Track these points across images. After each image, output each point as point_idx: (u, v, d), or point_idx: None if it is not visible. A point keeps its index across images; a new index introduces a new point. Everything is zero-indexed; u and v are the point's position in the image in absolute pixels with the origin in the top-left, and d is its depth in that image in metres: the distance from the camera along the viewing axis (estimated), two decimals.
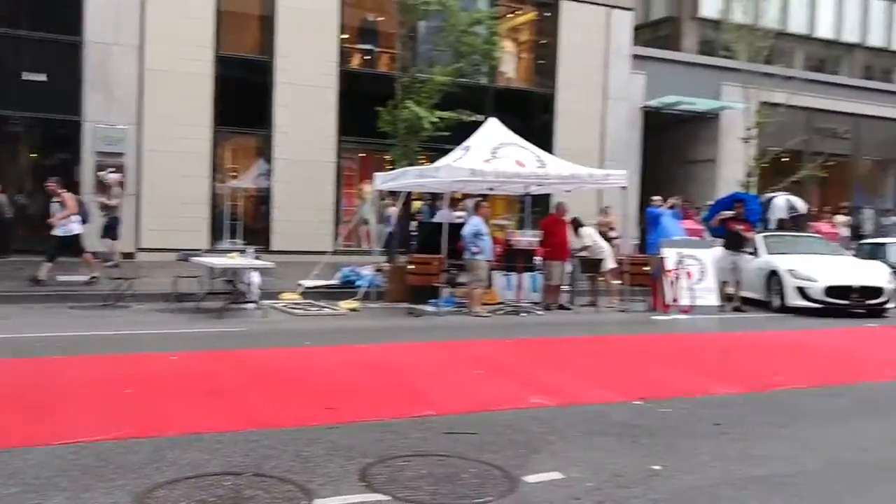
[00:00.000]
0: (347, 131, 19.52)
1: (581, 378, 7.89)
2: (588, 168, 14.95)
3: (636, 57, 22.87)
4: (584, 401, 6.82)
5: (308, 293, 13.46)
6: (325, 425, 5.75)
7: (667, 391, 7.25)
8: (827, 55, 28.53)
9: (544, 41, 22.40)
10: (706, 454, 5.40)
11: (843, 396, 7.37)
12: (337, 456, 5.06)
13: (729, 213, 14.90)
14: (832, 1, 28.04)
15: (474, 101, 17.80)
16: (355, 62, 20.92)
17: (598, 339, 10.72)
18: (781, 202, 18.36)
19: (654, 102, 22.77)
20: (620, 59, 22.35)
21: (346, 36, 20.20)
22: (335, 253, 16.16)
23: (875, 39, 28.67)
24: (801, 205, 18.11)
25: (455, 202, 16.55)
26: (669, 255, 13.78)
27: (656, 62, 23.40)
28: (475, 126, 14.98)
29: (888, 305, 14.04)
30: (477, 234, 12.73)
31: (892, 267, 15.21)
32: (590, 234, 14.42)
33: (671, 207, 17.07)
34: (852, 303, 13.76)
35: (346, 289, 13.80)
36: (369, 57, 21.24)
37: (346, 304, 12.71)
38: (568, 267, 14.26)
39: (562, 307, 13.95)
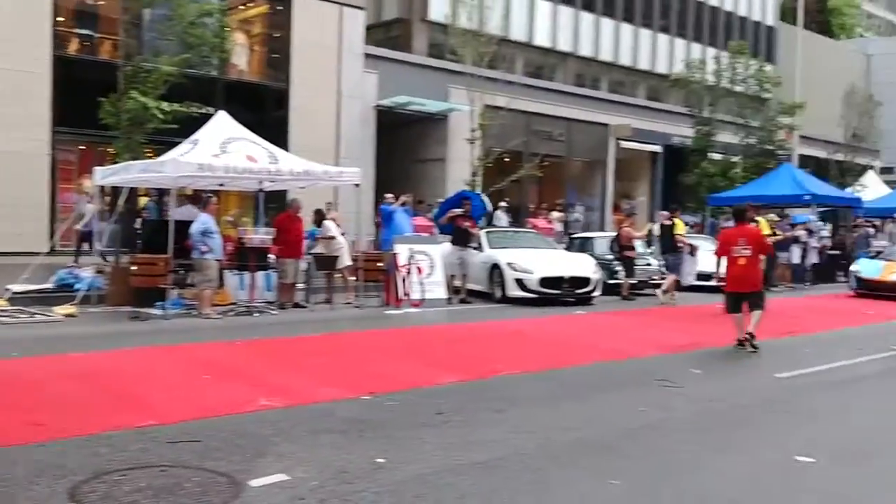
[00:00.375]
0: (64, 122, 17.98)
1: (312, 377, 7.89)
2: (322, 165, 14.98)
3: (369, 56, 23.27)
4: (313, 400, 6.83)
5: (17, 299, 12.24)
6: (31, 444, 5.27)
7: (395, 384, 7.48)
8: (544, 62, 30.82)
9: (278, 35, 22.11)
10: (429, 443, 5.63)
11: (553, 380, 8.02)
12: (44, 476, 4.67)
13: (459, 211, 15.64)
14: (548, 11, 30.31)
15: (204, 93, 17.17)
16: (73, 48, 19.32)
17: (331, 337, 10.78)
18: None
19: (386, 102, 23.30)
20: (353, 58, 22.62)
21: (61, 19, 18.59)
22: (51, 254, 14.83)
23: (585, 49, 31.44)
24: (488, 203, 19.42)
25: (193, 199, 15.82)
26: (402, 251, 14.20)
27: (388, 62, 23.96)
28: (205, 119, 14.44)
29: (594, 294, 15.48)
30: (206, 233, 12.27)
31: (598, 259, 16.82)
32: (331, 228, 14.51)
33: (403, 205, 17.57)
34: (564, 292, 15.01)
35: (63, 293, 12.71)
36: (89, 43, 19.72)
37: (61, 310, 11.72)
38: (302, 264, 14.21)
39: (297, 305, 13.87)
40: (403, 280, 13.96)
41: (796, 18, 32.40)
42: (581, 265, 15.74)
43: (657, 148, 31.84)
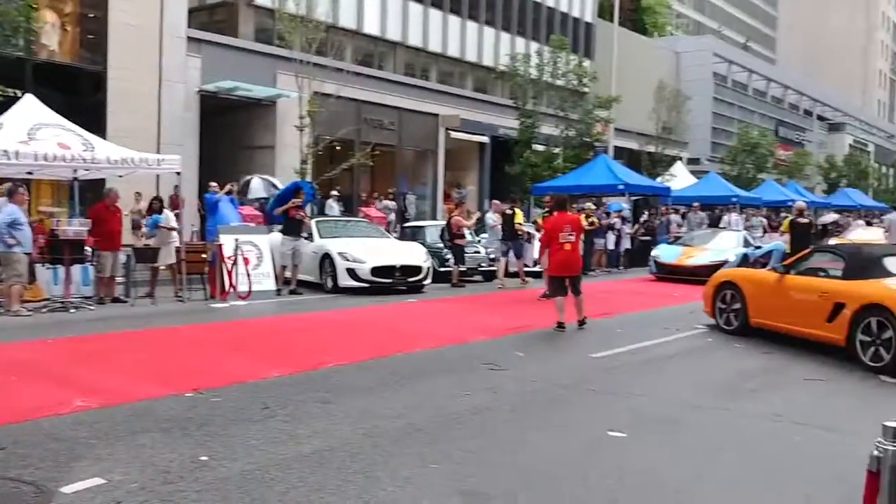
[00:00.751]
0: None
1: (131, 375, 7.56)
2: (141, 153, 14.32)
3: (192, 39, 22.37)
4: (132, 398, 6.56)
5: None
6: None
7: (220, 380, 7.31)
8: (374, 51, 30.80)
9: (93, 15, 20.80)
10: (255, 439, 5.56)
11: (382, 369, 8.10)
12: None
13: (298, 201, 15.39)
14: (377, 0, 30.29)
15: (9, 75, 15.90)
16: None
17: (152, 332, 10.34)
18: (257, 184, 20.31)
19: (211, 87, 22.50)
20: (175, 41, 21.66)
21: None
22: None
23: (414, 39, 31.69)
24: (279, 184, 19.46)
25: None
26: (227, 242, 13.82)
27: (213, 46, 23.13)
28: (10, 103, 13.43)
29: (426, 282, 15.74)
30: (13, 224, 11.45)
31: (429, 247, 17.12)
32: (171, 218, 13.97)
33: (228, 193, 17.13)
34: (395, 281, 15.17)
35: None
36: None
37: None
38: (122, 257, 13.54)
39: (116, 300, 13.23)
40: (229, 272, 13.60)
41: (613, 16, 34.19)
42: (412, 254, 15.95)
43: (485, 139, 32.67)
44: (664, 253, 19.86)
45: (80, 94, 20.00)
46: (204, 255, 14.04)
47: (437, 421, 6.17)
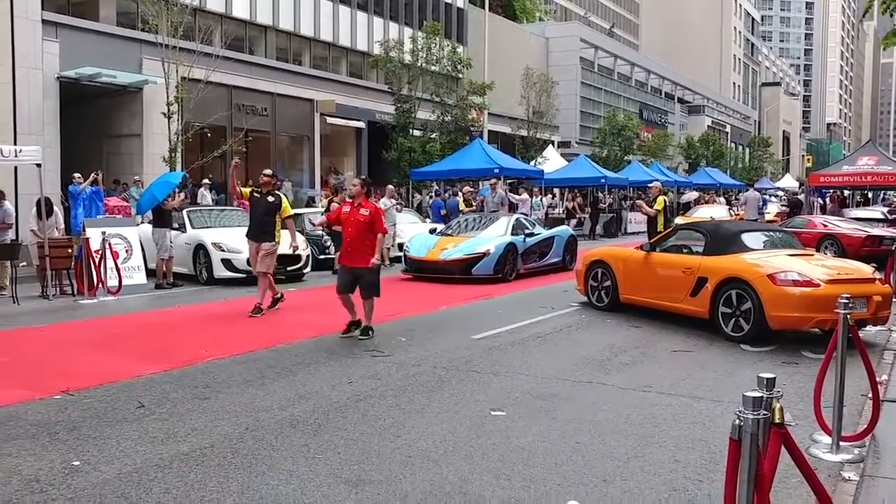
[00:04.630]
0: None
1: None
2: None
3: (48, 23, 21.17)
4: None
5: None
6: None
7: (91, 380, 7.03)
8: (244, 35, 30.00)
9: None
10: (130, 440, 5.39)
11: (262, 361, 7.98)
12: None
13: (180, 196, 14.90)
14: None
15: None
16: None
17: (14, 333, 9.82)
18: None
19: (71, 73, 21.38)
20: (29, 24, 20.42)
21: None
22: None
23: (286, 24, 31.07)
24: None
25: None
26: (94, 235, 13.23)
27: (72, 30, 21.95)
28: None
29: (305, 270, 15.55)
30: None
31: (308, 235, 16.91)
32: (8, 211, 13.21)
33: (93, 184, 16.36)
34: (274, 271, 14.86)
35: None
36: None
37: None
38: None
39: None
40: (97, 266, 13.02)
41: (484, 2, 34.60)
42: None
43: (361, 124, 32.51)
44: (415, 244, 15.89)
45: None
46: (70, 250, 13.39)
47: (320, 411, 6.15)
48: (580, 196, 33.12)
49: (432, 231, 17.15)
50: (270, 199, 11.29)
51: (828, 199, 29.58)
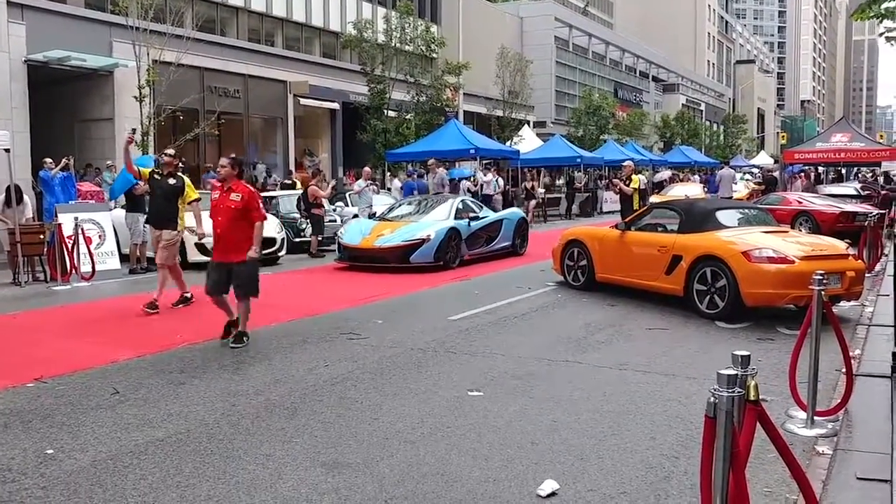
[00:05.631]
0: None
1: None
2: None
3: (13, 4, 20.74)
4: None
5: None
6: None
7: (64, 367, 6.94)
8: (216, 16, 29.61)
9: None
10: (105, 426, 5.34)
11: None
12: None
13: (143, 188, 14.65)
14: None
15: None
16: None
17: None
18: None
19: (39, 56, 20.98)
20: None
21: None
22: None
23: (257, 4, 30.72)
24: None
25: None
26: (66, 221, 13.05)
27: (39, 12, 21.52)
28: None
29: (280, 253, 15.46)
30: None
31: (283, 218, 16.80)
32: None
33: (65, 169, 16.13)
34: None
35: None
36: None
37: None
38: None
39: None
40: (70, 252, 12.86)
41: None
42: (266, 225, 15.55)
43: (335, 105, 32.24)
44: (350, 231, 14.92)
45: None
46: (42, 236, 13.21)
47: (297, 395, 6.13)
48: (548, 175, 33.10)
49: (371, 216, 16.03)
50: (172, 181, 10.22)
51: (802, 176, 29.86)
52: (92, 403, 5.90)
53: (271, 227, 15.48)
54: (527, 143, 34.52)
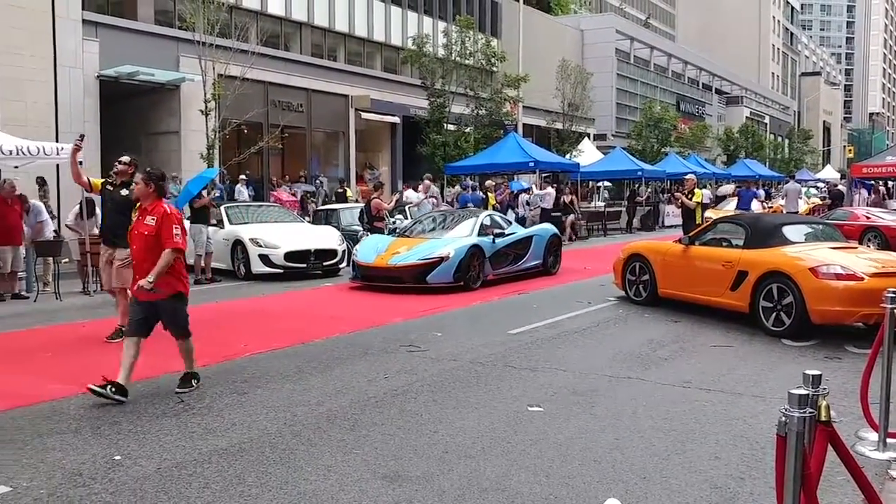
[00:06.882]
0: None
1: (36, 374, 7.29)
2: (38, 142, 13.74)
3: (88, 23, 21.51)
4: (38, 399, 6.32)
5: None
6: None
7: (133, 375, 7.05)
8: (280, 31, 30.19)
9: None
10: (170, 434, 5.44)
11: (299, 356, 8.02)
12: None
13: (206, 199, 15.01)
14: None
15: None
16: None
17: (57, 329, 9.97)
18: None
19: (111, 72, 21.70)
20: (70, 24, 20.78)
21: None
22: None
23: (320, 20, 31.21)
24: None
25: None
26: None
27: (111, 29, 22.28)
28: None
29: (341, 266, 15.62)
30: None
31: (344, 230, 16.98)
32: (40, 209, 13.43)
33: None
34: (310, 265, 15.01)
35: None
36: None
37: None
38: (22, 251, 12.99)
39: (18, 296, 12.70)
40: None
41: None
42: (326, 237, 15.79)
43: (396, 119, 32.54)
44: (365, 247, 13.95)
45: None
46: None
47: (357, 406, 6.16)
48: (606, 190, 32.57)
49: (391, 232, 15.53)
50: (124, 192, 8.57)
51: (872, 192, 28.98)
52: (158, 411, 6.02)
53: (332, 239, 15.69)
54: (586, 155, 34.28)
